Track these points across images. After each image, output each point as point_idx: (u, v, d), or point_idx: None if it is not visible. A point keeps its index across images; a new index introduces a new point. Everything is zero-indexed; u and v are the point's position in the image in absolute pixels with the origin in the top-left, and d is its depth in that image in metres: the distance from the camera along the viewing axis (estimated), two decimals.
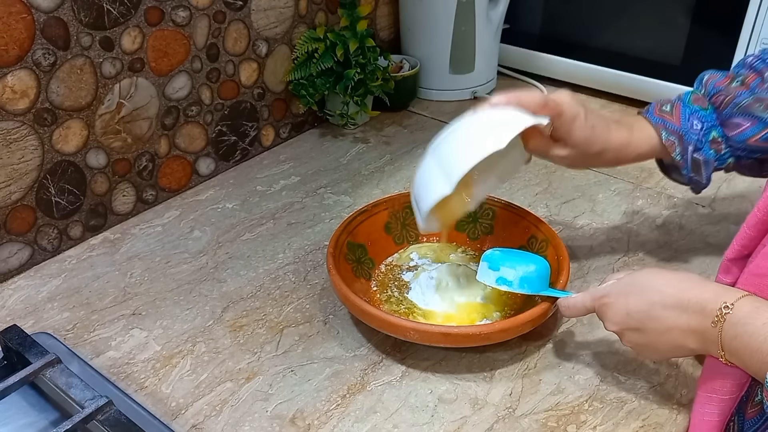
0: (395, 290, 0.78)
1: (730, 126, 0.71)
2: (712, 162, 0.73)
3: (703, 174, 0.73)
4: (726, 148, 0.72)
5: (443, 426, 0.64)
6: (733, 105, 0.71)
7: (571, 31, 1.23)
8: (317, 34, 1.08)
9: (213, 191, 1.00)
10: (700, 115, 0.73)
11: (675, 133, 0.73)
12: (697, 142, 0.72)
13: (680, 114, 0.73)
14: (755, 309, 0.52)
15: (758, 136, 0.70)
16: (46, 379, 0.63)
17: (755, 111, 0.69)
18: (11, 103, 0.76)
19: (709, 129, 0.72)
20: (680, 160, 0.73)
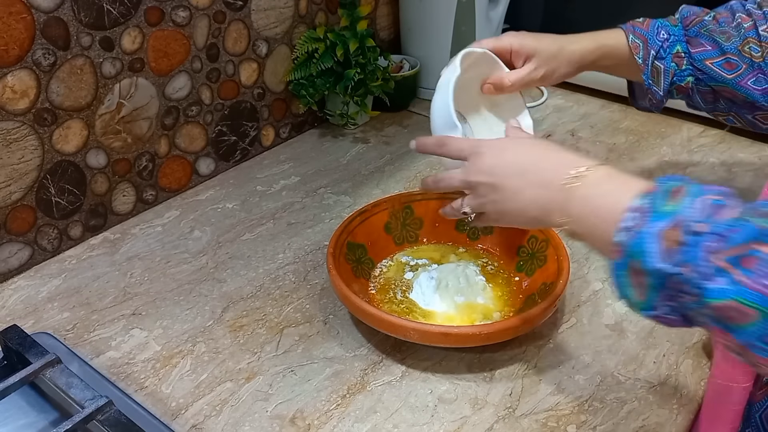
0: (396, 290, 0.78)
1: (694, 44, 0.77)
2: (671, 73, 0.77)
3: (661, 83, 0.78)
4: (687, 65, 0.77)
5: (443, 426, 0.64)
6: (700, 25, 0.77)
7: (571, 31, 1.23)
8: (317, 34, 1.07)
9: (213, 191, 1.00)
10: (668, 29, 0.78)
11: (641, 37, 0.78)
12: (661, 50, 0.77)
13: (650, 23, 0.79)
14: (611, 173, 0.53)
15: (714, 60, 0.75)
16: (46, 379, 0.63)
17: (717, 37, 0.75)
18: (11, 103, 0.76)
19: (674, 42, 0.77)
20: (641, 64, 0.77)
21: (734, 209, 0.43)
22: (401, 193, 0.86)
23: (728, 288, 0.40)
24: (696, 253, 0.42)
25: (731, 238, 0.41)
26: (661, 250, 0.44)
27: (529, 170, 0.58)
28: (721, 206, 0.43)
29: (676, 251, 0.43)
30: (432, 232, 0.85)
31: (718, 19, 0.77)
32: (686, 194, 0.45)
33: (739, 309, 0.40)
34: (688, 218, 0.43)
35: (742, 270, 0.40)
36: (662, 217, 0.45)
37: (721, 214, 0.43)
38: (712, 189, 0.45)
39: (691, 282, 0.42)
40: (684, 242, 0.43)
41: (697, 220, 0.43)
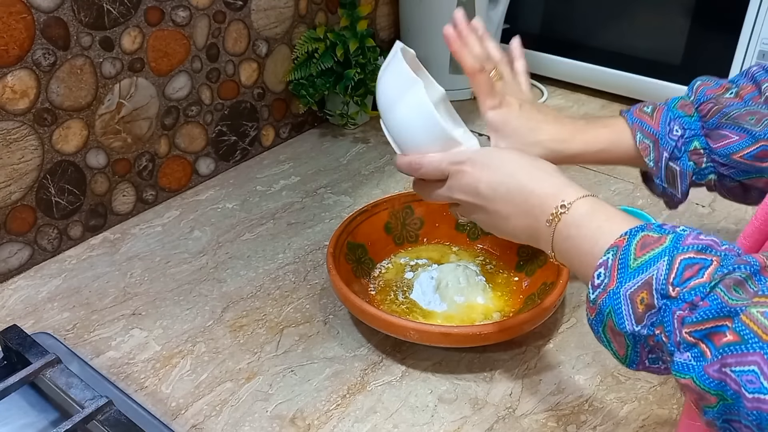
0: (396, 290, 0.78)
1: (715, 137, 0.64)
2: (689, 174, 0.66)
3: (679, 187, 0.66)
4: (708, 162, 0.65)
5: (443, 426, 0.64)
6: (721, 114, 0.64)
7: (571, 31, 1.23)
8: (317, 34, 1.08)
9: (213, 191, 1.00)
10: (682, 122, 0.66)
11: (650, 137, 0.66)
12: (675, 149, 0.65)
13: (660, 117, 0.67)
14: (592, 211, 0.51)
15: (745, 152, 0.63)
16: (46, 379, 0.63)
17: (745, 123, 0.63)
18: (11, 103, 0.76)
19: (690, 138, 0.65)
20: (653, 167, 0.66)
21: (707, 271, 0.40)
22: (401, 193, 0.86)
23: (692, 365, 0.39)
24: (668, 317, 0.41)
25: (700, 310, 0.39)
26: (634, 313, 0.43)
27: (516, 197, 0.55)
28: (693, 266, 0.41)
29: (649, 314, 0.42)
30: (432, 232, 0.85)
31: (743, 96, 0.64)
32: (656, 250, 0.43)
33: (698, 391, 0.39)
34: (658, 280, 0.41)
35: (710, 346, 0.38)
36: (631, 277, 0.43)
37: (693, 276, 0.40)
38: (687, 244, 0.42)
39: (665, 345, 0.41)
40: (656, 306, 0.41)
41: (668, 283, 0.41)
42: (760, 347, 0.36)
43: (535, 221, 0.54)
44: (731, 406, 0.37)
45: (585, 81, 1.25)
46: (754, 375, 0.36)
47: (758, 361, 0.36)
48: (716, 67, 1.07)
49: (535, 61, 1.29)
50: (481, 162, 0.59)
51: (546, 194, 0.53)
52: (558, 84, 1.28)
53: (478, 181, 0.58)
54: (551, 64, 1.27)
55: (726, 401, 0.38)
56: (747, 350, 0.36)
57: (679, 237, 0.43)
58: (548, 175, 0.56)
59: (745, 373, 0.36)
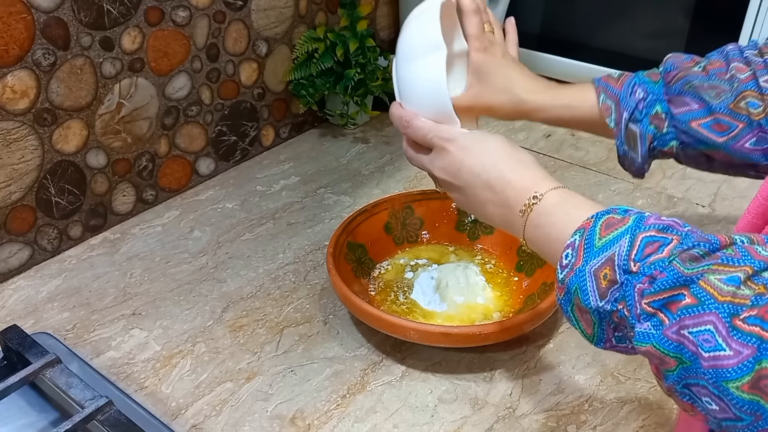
0: (396, 290, 0.78)
1: (677, 102, 0.65)
2: (648, 138, 0.66)
3: (639, 150, 0.67)
4: (669, 128, 0.66)
5: (443, 426, 0.64)
6: (684, 81, 0.65)
7: (571, 31, 1.23)
8: (317, 34, 1.07)
9: (213, 191, 1.00)
10: (646, 86, 0.67)
11: (613, 98, 0.67)
12: (636, 111, 0.66)
13: (625, 81, 0.68)
14: (561, 200, 0.53)
15: (701, 121, 0.64)
16: (46, 379, 0.63)
17: (704, 95, 0.64)
18: (11, 103, 0.76)
19: (653, 101, 0.66)
20: (614, 128, 0.67)
21: (667, 247, 0.42)
22: (401, 193, 0.86)
23: (651, 333, 0.40)
24: (630, 292, 0.42)
25: (658, 281, 0.40)
26: (598, 289, 0.44)
27: (494, 186, 0.57)
28: (654, 243, 0.42)
29: (612, 289, 0.43)
30: (432, 232, 0.85)
31: (709, 71, 0.65)
32: (619, 229, 0.45)
33: (658, 356, 0.40)
34: (620, 256, 0.43)
35: (667, 314, 0.40)
36: (595, 255, 0.45)
37: (653, 253, 0.42)
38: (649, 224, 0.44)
39: (627, 320, 0.43)
40: (618, 281, 0.43)
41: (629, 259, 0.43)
42: (716, 307, 0.37)
43: (510, 211, 0.56)
44: (689, 369, 0.38)
45: (585, 81, 1.25)
46: (710, 334, 0.37)
47: (713, 321, 0.37)
48: None
49: (535, 61, 1.29)
50: (466, 146, 0.60)
51: (522, 186, 0.55)
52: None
53: (461, 164, 0.59)
54: (551, 64, 1.27)
55: (684, 363, 0.39)
56: (703, 311, 0.38)
57: (641, 217, 0.45)
58: (527, 168, 0.57)
59: (701, 333, 0.37)
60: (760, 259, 0.38)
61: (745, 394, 0.36)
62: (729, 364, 0.36)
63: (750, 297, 0.37)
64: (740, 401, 0.36)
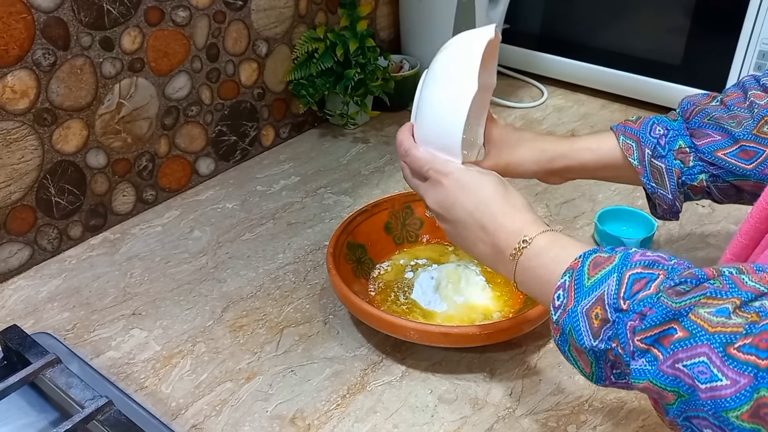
0: (396, 290, 0.78)
1: (699, 135, 0.65)
2: (675, 172, 0.66)
3: (667, 184, 0.66)
4: (695, 161, 0.65)
5: (443, 426, 0.64)
6: (702, 114, 0.65)
7: (571, 31, 1.23)
8: (317, 34, 1.07)
9: (213, 191, 1.00)
10: (665, 124, 0.67)
11: (632, 137, 0.68)
12: (658, 146, 0.66)
13: (643, 121, 0.69)
14: (550, 243, 0.54)
15: (726, 150, 0.63)
16: (46, 379, 0.63)
17: (725, 124, 0.64)
18: (11, 103, 0.76)
19: (674, 137, 0.66)
20: (638, 166, 0.67)
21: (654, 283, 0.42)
22: (401, 193, 0.86)
23: (647, 369, 0.40)
24: (622, 330, 0.43)
25: (648, 318, 0.41)
26: (591, 328, 0.45)
27: (486, 227, 0.58)
28: (641, 280, 0.43)
29: (605, 328, 0.44)
30: (432, 232, 0.85)
31: (726, 102, 0.65)
32: (607, 268, 0.46)
33: (656, 391, 0.40)
34: (610, 295, 0.44)
35: (661, 348, 0.40)
36: (586, 295, 0.46)
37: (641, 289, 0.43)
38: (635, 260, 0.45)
39: (622, 357, 0.43)
40: (609, 319, 0.44)
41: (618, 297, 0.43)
42: (707, 339, 0.38)
43: (499, 253, 0.57)
44: (688, 401, 0.39)
45: (585, 81, 1.25)
46: (705, 365, 0.37)
47: (706, 352, 0.37)
48: (716, 67, 1.07)
49: (535, 61, 1.29)
50: (461, 183, 0.61)
51: (512, 230, 0.56)
52: (558, 84, 1.28)
53: (455, 200, 0.60)
54: (551, 64, 1.27)
55: (683, 396, 0.39)
56: (695, 343, 0.38)
57: (627, 255, 0.46)
58: (518, 212, 0.58)
59: (696, 365, 0.38)
60: (747, 290, 0.39)
61: (746, 423, 0.36)
62: (726, 393, 0.36)
63: (743, 325, 0.37)
64: (741, 431, 0.36)
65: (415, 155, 0.64)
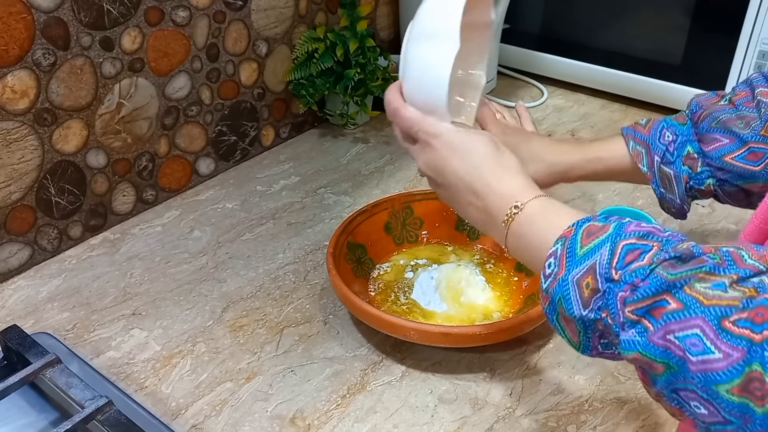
0: (396, 290, 0.78)
1: (707, 140, 0.66)
2: (684, 178, 0.67)
3: (675, 190, 0.68)
4: (703, 167, 0.66)
5: (443, 426, 0.64)
6: (710, 119, 0.66)
7: (571, 31, 1.23)
8: (317, 34, 1.07)
9: (213, 191, 1.00)
10: (674, 129, 0.68)
11: (642, 143, 0.69)
12: (666, 153, 0.67)
13: (653, 126, 0.69)
14: (542, 210, 0.53)
15: (734, 154, 0.64)
16: (46, 379, 0.63)
17: (734, 127, 0.64)
18: (11, 103, 0.76)
19: (683, 143, 0.67)
20: (647, 172, 0.68)
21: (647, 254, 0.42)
22: (401, 193, 0.86)
23: (637, 340, 0.40)
24: (612, 300, 0.42)
25: (640, 289, 0.40)
26: (581, 297, 0.44)
27: (477, 191, 0.57)
28: (635, 251, 0.43)
29: (595, 298, 0.43)
30: (432, 232, 0.85)
31: (735, 102, 0.65)
32: (600, 237, 0.45)
33: (645, 361, 0.40)
34: (602, 265, 0.43)
35: (652, 320, 0.40)
36: (577, 264, 0.45)
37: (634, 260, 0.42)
38: (629, 231, 0.44)
39: (611, 327, 0.43)
40: (600, 289, 0.43)
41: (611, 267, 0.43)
42: (702, 311, 0.37)
43: (491, 218, 0.56)
44: (677, 374, 0.38)
45: (585, 81, 1.25)
46: (697, 338, 0.37)
47: (700, 324, 0.37)
48: (716, 67, 1.07)
49: (535, 61, 1.29)
50: (451, 145, 0.59)
51: (504, 195, 0.55)
52: (558, 84, 1.28)
53: (445, 164, 0.59)
54: (551, 64, 1.27)
55: (672, 369, 0.38)
56: (689, 315, 0.38)
57: (621, 225, 0.45)
58: (510, 176, 0.57)
59: (688, 337, 0.37)
60: (746, 268, 0.38)
61: (735, 396, 0.35)
62: (718, 367, 0.36)
63: (740, 299, 0.37)
64: (729, 404, 0.36)
65: (403, 115, 0.62)
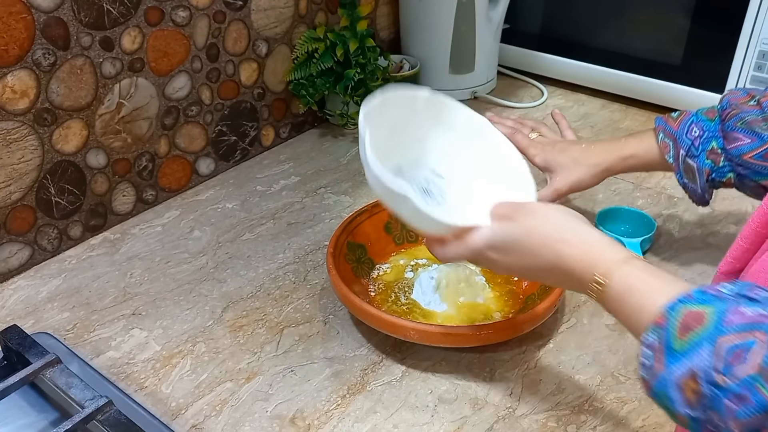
0: (396, 290, 0.78)
1: (730, 139, 0.71)
2: (705, 171, 0.73)
3: (698, 181, 0.74)
4: (725, 162, 0.72)
5: (443, 426, 0.64)
6: (737, 118, 0.71)
7: (571, 31, 1.23)
8: (317, 34, 1.07)
9: (213, 191, 1.00)
10: (703, 125, 0.74)
11: (670, 136, 0.75)
12: (692, 147, 0.73)
13: (683, 120, 0.75)
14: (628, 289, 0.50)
15: (754, 152, 0.70)
16: (46, 379, 0.63)
17: (757, 128, 0.69)
18: (11, 103, 0.76)
19: (708, 138, 0.73)
20: (673, 163, 0.75)
21: (753, 356, 0.39)
22: None
23: None
24: (719, 406, 0.40)
25: (748, 408, 0.38)
26: (685, 399, 0.42)
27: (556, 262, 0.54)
28: (738, 351, 0.39)
29: (700, 401, 0.41)
30: None
31: (762, 103, 0.70)
32: (698, 333, 0.41)
33: None
34: (704, 367, 0.40)
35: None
36: (676, 361, 0.42)
37: (738, 363, 0.39)
38: (731, 325, 0.40)
39: (723, 428, 0.40)
40: (705, 394, 0.40)
41: (714, 370, 0.40)
42: None
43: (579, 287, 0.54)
44: None
45: (585, 81, 1.25)
46: None
47: None
48: (716, 67, 1.07)
49: (535, 61, 1.29)
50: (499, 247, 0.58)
51: (581, 269, 0.53)
52: (558, 84, 1.28)
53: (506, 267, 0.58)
54: (551, 64, 1.27)
55: None
56: None
57: (721, 316, 0.41)
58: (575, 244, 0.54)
59: None
60: None
61: None
62: None
63: None
64: None
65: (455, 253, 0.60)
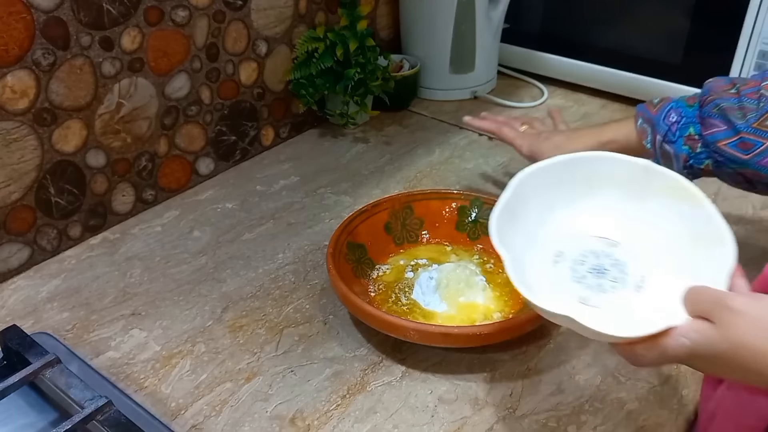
0: (396, 290, 0.78)
1: (707, 125, 0.71)
2: (682, 157, 0.73)
3: (674, 167, 0.72)
4: (701, 148, 0.72)
5: (443, 426, 0.64)
6: (713, 104, 0.70)
7: (571, 30, 1.23)
8: (317, 34, 1.07)
9: (213, 191, 1.00)
10: (681, 110, 0.73)
11: (648, 122, 0.75)
12: (669, 133, 0.73)
13: (662, 106, 0.75)
14: None
15: (727, 141, 0.69)
16: (46, 380, 0.63)
17: (731, 116, 0.69)
18: (11, 103, 0.76)
19: (686, 124, 0.72)
20: (650, 148, 0.75)
21: None
22: (401, 193, 0.86)
23: None
24: None
25: None
26: None
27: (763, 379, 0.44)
28: None
29: None
30: (432, 232, 0.85)
31: (741, 91, 0.69)
32: None
33: None
34: None
35: None
36: None
37: None
38: None
39: None
40: None
41: None
42: None
43: None
44: None
45: (585, 81, 1.25)
46: None
47: None
48: (716, 66, 1.07)
49: (535, 60, 1.29)
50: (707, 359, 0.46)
51: None
52: (558, 84, 1.28)
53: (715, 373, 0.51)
54: (551, 64, 1.27)
55: None
56: None
57: None
58: None
59: None
60: None
61: None
62: None
63: None
64: None
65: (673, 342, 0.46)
